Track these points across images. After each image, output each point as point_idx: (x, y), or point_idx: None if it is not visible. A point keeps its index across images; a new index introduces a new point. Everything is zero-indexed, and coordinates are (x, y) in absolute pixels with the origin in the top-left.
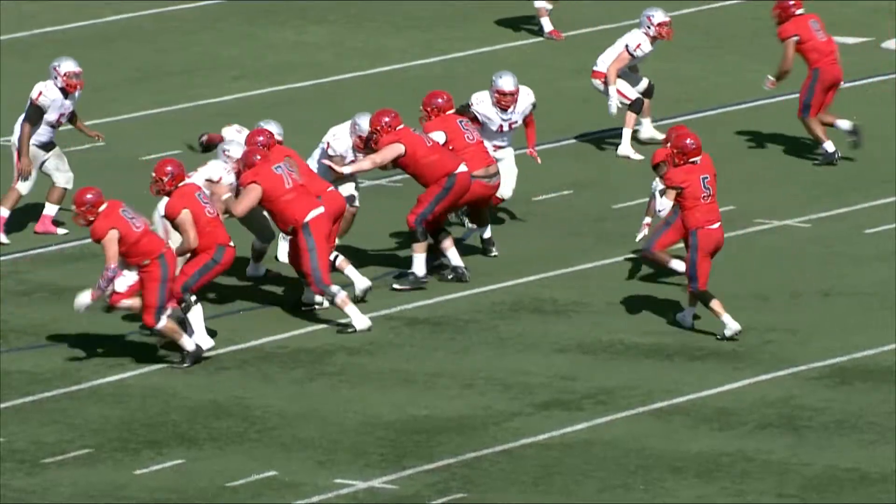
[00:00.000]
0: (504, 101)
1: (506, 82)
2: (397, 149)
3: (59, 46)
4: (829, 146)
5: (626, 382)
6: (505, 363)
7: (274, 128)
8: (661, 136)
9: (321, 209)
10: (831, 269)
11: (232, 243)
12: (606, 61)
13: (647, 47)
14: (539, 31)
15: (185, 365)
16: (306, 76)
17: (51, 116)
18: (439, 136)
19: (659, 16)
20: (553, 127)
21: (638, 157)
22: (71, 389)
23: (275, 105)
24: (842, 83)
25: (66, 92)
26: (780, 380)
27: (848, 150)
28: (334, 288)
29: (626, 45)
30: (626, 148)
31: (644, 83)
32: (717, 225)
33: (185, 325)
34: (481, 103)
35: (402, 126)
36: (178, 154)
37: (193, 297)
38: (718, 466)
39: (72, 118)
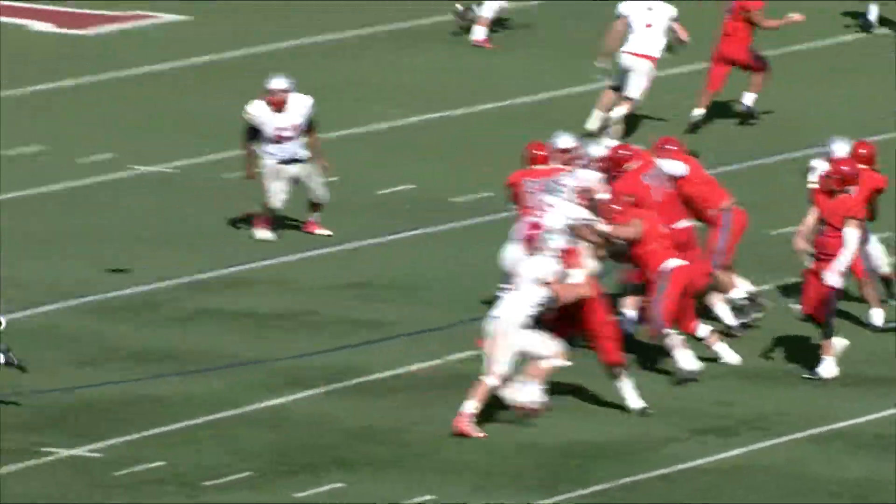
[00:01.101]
0: None
1: None
2: None
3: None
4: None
5: (781, 408)
6: (661, 389)
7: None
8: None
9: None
10: None
11: None
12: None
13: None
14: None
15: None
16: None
17: (266, 133)
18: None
19: None
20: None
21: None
22: (230, 413)
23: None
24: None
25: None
26: None
27: None
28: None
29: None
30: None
31: None
32: None
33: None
34: None
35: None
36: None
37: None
38: (876, 492)
39: (309, 130)
